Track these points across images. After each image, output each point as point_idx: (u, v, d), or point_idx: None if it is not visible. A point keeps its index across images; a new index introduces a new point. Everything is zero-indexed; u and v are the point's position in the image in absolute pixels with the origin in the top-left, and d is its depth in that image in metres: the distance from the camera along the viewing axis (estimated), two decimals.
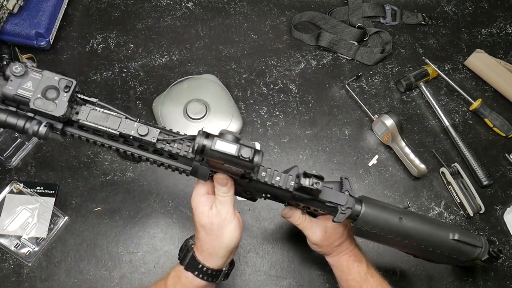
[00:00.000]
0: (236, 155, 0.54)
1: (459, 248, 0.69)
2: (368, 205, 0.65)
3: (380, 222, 0.65)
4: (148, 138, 0.59)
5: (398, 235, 0.66)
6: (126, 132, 0.59)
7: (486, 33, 1.13)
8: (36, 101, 0.56)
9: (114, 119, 0.59)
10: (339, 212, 0.63)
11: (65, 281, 0.83)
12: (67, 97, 0.57)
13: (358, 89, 1.04)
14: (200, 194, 0.63)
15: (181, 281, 0.63)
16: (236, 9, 1.10)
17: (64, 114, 0.57)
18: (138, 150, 0.62)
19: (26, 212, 0.86)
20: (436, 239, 0.67)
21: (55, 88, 0.57)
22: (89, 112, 0.59)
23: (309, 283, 0.86)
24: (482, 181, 0.95)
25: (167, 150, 0.61)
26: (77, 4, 1.07)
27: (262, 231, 0.90)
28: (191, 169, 0.62)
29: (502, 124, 1.01)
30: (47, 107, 0.57)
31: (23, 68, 0.57)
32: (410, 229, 0.66)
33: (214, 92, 0.96)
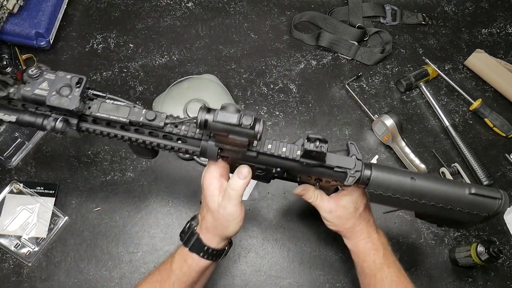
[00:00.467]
0: (237, 123, 0.56)
1: (478, 202, 0.65)
2: (377, 169, 0.65)
3: (393, 184, 0.64)
4: (156, 123, 0.62)
5: (413, 195, 0.65)
6: (135, 119, 0.62)
7: (486, 33, 1.13)
8: (51, 98, 0.61)
9: (124, 109, 0.63)
10: (349, 175, 0.64)
11: (65, 281, 0.83)
12: (78, 91, 0.61)
13: (358, 89, 1.04)
14: (212, 176, 0.64)
15: (187, 263, 0.65)
16: (236, 9, 1.10)
17: (77, 107, 0.61)
18: (149, 137, 0.65)
19: (26, 212, 0.86)
20: (452, 195, 0.65)
21: (68, 85, 0.62)
22: (100, 105, 0.63)
23: (309, 283, 0.86)
24: (482, 181, 0.95)
25: (175, 133, 0.63)
26: (77, 4, 1.07)
27: (262, 231, 0.90)
28: (200, 150, 0.64)
29: (502, 124, 1.01)
30: (61, 103, 0.61)
31: (38, 70, 0.62)
32: (424, 188, 0.65)
33: (214, 92, 0.95)
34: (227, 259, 0.87)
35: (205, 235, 0.65)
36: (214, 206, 0.63)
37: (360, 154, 0.66)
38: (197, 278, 0.66)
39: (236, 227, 0.64)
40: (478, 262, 0.83)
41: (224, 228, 0.64)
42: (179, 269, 0.65)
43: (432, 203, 0.65)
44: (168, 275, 0.65)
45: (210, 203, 0.64)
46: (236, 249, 0.88)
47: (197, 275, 0.65)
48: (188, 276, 0.65)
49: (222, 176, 0.65)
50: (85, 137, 0.94)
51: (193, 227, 0.67)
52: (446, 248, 0.91)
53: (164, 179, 0.92)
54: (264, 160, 0.66)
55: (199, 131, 0.63)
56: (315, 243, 0.89)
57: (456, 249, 0.88)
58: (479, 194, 0.65)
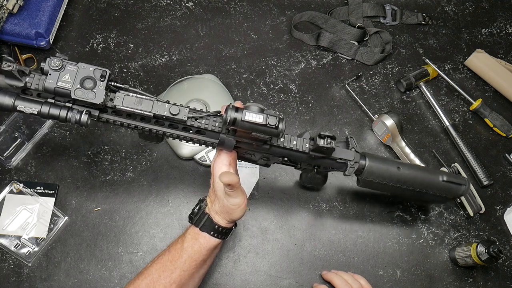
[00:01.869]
0: (264, 123, 0.60)
1: (448, 188, 0.80)
2: (371, 159, 0.76)
3: (382, 173, 0.76)
4: (180, 117, 0.65)
5: (398, 182, 0.77)
6: (159, 113, 0.64)
7: (486, 33, 1.13)
8: (76, 92, 0.61)
9: (147, 102, 0.64)
10: (349, 166, 0.74)
11: (65, 281, 0.83)
12: (103, 85, 0.62)
13: (358, 89, 1.04)
14: (222, 163, 0.69)
15: (198, 241, 0.69)
16: (236, 9, 1.10)
17: (103, 101, 0.62)
18: (169, 129, 0.67)
19: (26, 212, 0.86)
20: (429, 182, 0.79)
21: (91, 78, 0.62)
22: (124, 98, 0.64)
23: (309, 283, 0.86)
24: (482, 181, 0.95)
25: (197, 126, 0.66)
26: (77, 4, 1.07)
27: (262, 231, 0.90)
28: (218, 141, 0.68)
29: (502, 124, 1.01)
30: (87, 96, 0.61)
31: (60, 62, 0.61)
32: (407, 175, 0.77)
33: (214, 92, 0.95)
34: (227, 259, 0.87)
35: (214, 216, 0.70)
36: (220, 195, 0.68)
37: (358, 147, 0.76)
38: (206, 256, 0.70)
39: (241, 213, 0.70)
40: (478, 262, 0.83)
41: (230, 214, 0.69)
42: (191, 247, 0.69)
43: (411, 188, 0.78)
44: (179, 253, 0.69)
45: (218, 190, 0.69)
46: (236, 249, 0.88)
47: (207, 253, 0.70)
48: (199, 254, 0.69)
49: (230, 165, 0.69)
50: (85, 137, 0.94)
51: (203, 208, 0.71)
52: (446, 248, 0.91)
53: (164, 179, 0.92)
54: (276, 151, 0.72)
55: (219, 124, 0.67)
56: (315, 243, 0.89)
57: (456, 249, 0.88)
58: (450, 181, 0.79)
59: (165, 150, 0.94)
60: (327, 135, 0.69)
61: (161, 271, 0.69)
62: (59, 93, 0.62)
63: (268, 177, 0.93)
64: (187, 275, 0.69)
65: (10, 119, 0.93)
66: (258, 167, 0.93)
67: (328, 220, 0.91)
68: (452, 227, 0.93)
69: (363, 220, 0.92)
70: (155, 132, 0.68)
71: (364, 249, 0.90)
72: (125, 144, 0.94)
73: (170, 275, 0.68)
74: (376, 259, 0.89)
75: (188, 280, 0.70)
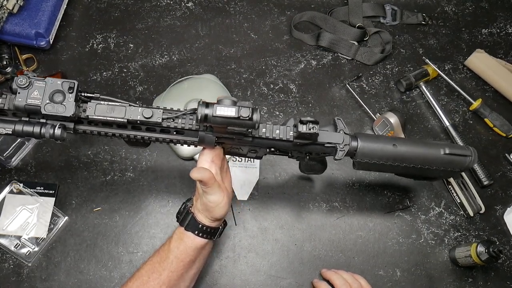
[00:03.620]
0: (236, 116, 0.58)
1: (452, 161, 0.74)
2: (363, 139, 0.71)
3: (377, 152, 0.71)
4: (154, 119, 0.63)
5: (395, 161, 0.72)
6: (133, 118, 0.63)
7: (487, 33, 1.13)
8: (46, 107, 0.61)
9: (120, 109, 0.63)
10: (338, 150, 0.69)
11: (65, 281, 0.83)
12: (72, 97, 0.62)
13: (358, 89, 1.04)
14: (205, 160, 0.67)
15: (183, 242, 0.68)
16: (236, 9, 1.10)
17: (74, 113, 0.61)
18: (147, 133, 0.66)
19: (26, 212, 0.86)
20: (429, 157, 0.73)
21: (60, 91, 0.62)
22: (96, 107, 0.63)
23: (309, 283, 0.86)
24: (482, 181, 0.95)
25: (173, 127, 0.65)
26: (77, 4, 1.07)
27: (262, 231, 0.90)
28: (198, 139, 0.66)
29: (502, 124, 1.00)
30: (57, 110, 0.61)
31: (27, 79, 0.61)
32: (405, 153, 0.72)
33: (214, 92, 0.95)
34: (227, 259, 0.87)
35: (198, 214, 0.69)
36: (200, 192, 0.67)
37: (347, 128, 0.71)
38: (194, 256, 0.69)
39: (222, 211, 0.68)
40: (478, 262, 0.83)
41: (210, 212, 0.67)
42: (177, 247, 0.68)
43: (412, 165, 0.73)
44: (166, 254, 0.68)
45: (199, 188, 0.68)
46: (236, 249, 0.88)
47: (193, 253, 0.69)
48: (185, 254, 0.68)
49: (213, 162, 0.67)
50: (85, 137, 0.94)
51: (188, 207, 0.71)
52: (446, 248, 0.91)
53: (164, 179, 0.92)
54: (259, 143, 0.69)
55: (196, 122, 0.65)
56: (315, 243, 0.89)
57: (456, 249, 0.88)
58: (452, 153, 0.73)
59: (165, 150, 0.94)
60: (309, 120, 0.64)
61: (150, 272, 0.68)
62: (30, 110, 0.61)
63: (268, 177, 0.93)
64: (176, 276, 0.68)
65: None
66: (258, 167, 0.93)
67: (328, 220, 0.91)
68: (452, 227, 0.93)
69: (363, 220, 0.92)
70: (141, 139, 0.67)
71: (364, 249, 0.90)
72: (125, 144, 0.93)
73: (159, 276, 0.68)
74: (376, 259, 0.89)
75: (178, 281, 0.69)
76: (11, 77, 0.96)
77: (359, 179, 0.95)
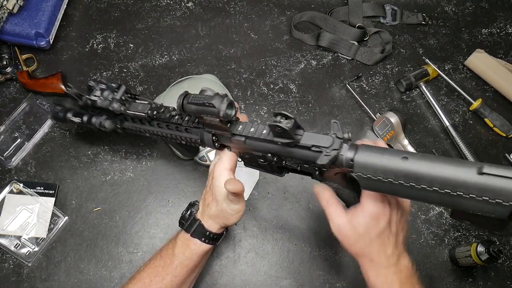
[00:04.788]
0: (204, 102, 0.59)
1: (496, 186, 0.47)
2: (364, 149, 0.55)
3: (382, 165, 0.53)
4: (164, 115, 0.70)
5: (407, 179, 0.52)
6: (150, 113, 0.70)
7: (486, 33, 1.13)
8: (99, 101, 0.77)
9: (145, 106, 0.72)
10: (323, 153, 0.56)
11: (65, 281, 0.83)
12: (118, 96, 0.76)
13: (358, 89, 1.04)
14: (224, 167, 0.66)
15: (189, 248, 0.68)
16: (236, 9, 1.10)
17: (114, 107, 0.75)
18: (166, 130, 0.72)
19: (26, 212, 0.86)
20: (457, 177, 0.49)
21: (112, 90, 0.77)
22: (131, 104, 0.75)
23: (309, 283, 0.86)
24: None
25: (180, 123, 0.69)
26: (77, 4, 1.07)
27: (262, 231, 0.90)
28: (199, 137, 0.67)
29: (502, 124, 1.00)
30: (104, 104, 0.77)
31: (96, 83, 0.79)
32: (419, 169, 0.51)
33: None
34: (227, 259, 0.87)
35: (207, 221, 0.68)
36: (220, 199, 0.65)
37: (341, 132, 0.57)
38: (198, 262, 0.69)
39: (237, 219, 0.68)
40: (478, 262, 0.83)
41: (226, 219, 0.67)
42: (182, 253, 0.68)
43: (433, 188, 0.51)
44: (171, 259, 0.68)
45: (217, 194, 0.65)
46: (236, 249, 0.88)
47: (198, 258, 0.69)
48: (190, 260, 0.68)
49: (231, 169, 0.66)
50: (85, 137, 0.94)
51: (194, 214, 0.70)
52: (446, 248, 0.91)
53: (164, 179, 0.92)
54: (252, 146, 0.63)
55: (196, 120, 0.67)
56: (315, 243, 0.89)
57: (456, 249, 0.88)
58: (494, 174, 0.47)
59: (165, 150, 0.94)
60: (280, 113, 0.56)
61: (152, 276, 0.68)
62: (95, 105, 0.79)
63: (268, 177, 0.93)
64: (179, 281, 0.68)
65: (10, 119, 0.93)
66: None
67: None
68: (452, 227, 0.93)
69: None
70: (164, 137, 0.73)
71: None
72: (125, 144, 0.94)
73: (162, 280, 0.67)
74: None
75: (180, 286, 0.69)
76: (11, 77, 0.96)
77: None
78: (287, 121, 0.56)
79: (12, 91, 0.97)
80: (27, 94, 0.96)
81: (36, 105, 0.95)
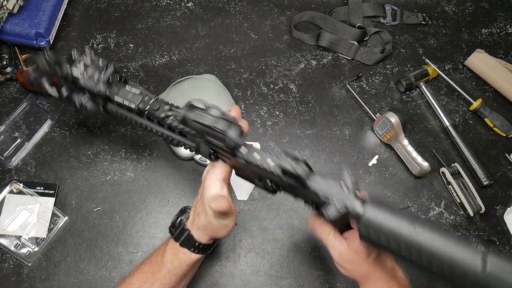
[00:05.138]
0: (210, 125, 0.55)
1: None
2: (373, 207, 0.53)
3: (388, 228, 0.52)
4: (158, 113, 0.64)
5: (409, 248, 0.51)
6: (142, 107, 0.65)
7: (487, 33, 1.13)
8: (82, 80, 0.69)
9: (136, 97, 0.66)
10: (330, 203, 0.54)
11: (65, 281, 0.83)
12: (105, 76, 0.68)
13: (358, 89, 1.04)
14: (216, 177, 0.63)
15: (178, 257, 0.66)
16: (236, 9, 1.10)
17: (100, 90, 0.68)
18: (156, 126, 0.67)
19: (26, 212, 0.86)
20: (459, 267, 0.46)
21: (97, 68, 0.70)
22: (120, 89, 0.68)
23: (309, 283, 0.86)
24: (482, 181, 0.95)
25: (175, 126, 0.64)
26: (77, 4, 1.07)
27: (262, 231, 0.90)
28: (195, 146, 0.64)
29: (502, 124, 1.00)
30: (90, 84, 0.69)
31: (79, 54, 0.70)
32: (424, 242, 0.49)
33: (214, 92, 0.95)
34: (227, 259, 0.87)
35: (196, 232, 0.66)
36: (209, 211, 0.63)
37: (353, 182, 0.55)
38: (187, 270, 0.68)
39: (226, 233, 0.66)
40: None
41: (214, 232, 0.65)
42: (171, 262, 0.66)
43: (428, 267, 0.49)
44: (159, 267, 0.67)
45: (207, 207, 0.63)
46: (236, 249, 0.88)
47: (188, 267, 0.67)
48: (179, 269, 0.67)
49: (224, 181, 0.63)
50: (85, 137, 0.94)
51: (184, 222, 0.68)
52: None
53: (164, 179, 0.92)
54: (254, 170, 0.60)
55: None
56: (315, 243, 0.89)
57: None
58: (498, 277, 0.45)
59: (165, 150, 0.94)
60: (293, 155, 0.53)
61: (142, 281, 0.67)
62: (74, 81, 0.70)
63: None
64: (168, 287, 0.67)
65: (10, 119, 0.93)
66: None
67: None
68: (452, 227, 0.93)
69: None
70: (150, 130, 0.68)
71: None
72: (125, 144, 0.94)
73: (150, 287, 0.66)
74: None
75: None
76: (11, 77, 0.96)
77: (359, 179, 0.95)
78: (304, 168, 0.54)
79: (12, 91, 0.97)
80: (27, 94, 0.96)
81: (36, 105, 0.95)
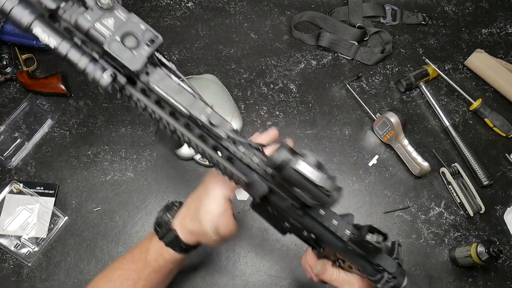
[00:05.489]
0: (318, 183, 0.46)
1: None
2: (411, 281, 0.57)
3: None
4: (218, 131, 0.51)
5: None
6: (196, 115, 0.50)
7: (486, 33, 1.13)
8: (112, 44, 0.47)
9: (188, 97, 0.51)
10: (385, 279, 0.56)
11: (65, 281, 0.83)
12: (148, 51, 0.48)
13: (358, 89, 1.04)
14: (221, 193, 0.60)
15: (163, 257, 0.64)
16: (236, 9, 1.10)
17: (139, 69, 0.47)
18: (198, 140, 0.53)
19: (26, 212, 0.86)
20: None
21: (136, 37, 0.49)
22: (163, 78, 0.50)
23: (309, 283, 0.86)
24: (482, 181, 0.95)
25: (232, 150, 0.52)
26: None
27: (262, 231, 0.89)
28: (246, 180, 0.54)
29: (502, 124, 1.00)
30: (122, 55, 0.47)
31: (111, 2, 0.49)
32: None
33: (214, 92, 0.95)
34: (227, 259, 0.87)
35: (184, 234, 0.63)
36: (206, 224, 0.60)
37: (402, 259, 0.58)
38: (172, 268, 0.66)
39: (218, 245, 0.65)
40: (478, 262, 0.83)
41: (204, 240, 0.63)
42: (155, 261, 0.64)
43: None
44: (143, 265, 0.65)
45: (204, 218, 0.60)
46: (236, 249, 0.88)
47: (172, 266, 0.66)
48: (164, 268, 0.65)
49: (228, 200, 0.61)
50: (85, 137, 0.94)
51: (170, 221, 0.64)
52: (446, 248, 0.91)
53: (164, 179, 0.92)
54: (306, 222, 0.56)
55: (259, 162, 0.52)
56: None
57: (456, 249, 0.88)
58: None
59: (165, 150, 0.94)
60: (379, 230, 0.53)
61: (124, 279, 0.65)
62: (91, 36, 0.47)
63: None
64: (151, 285, 0.66)
65: (10, 119, 0.93)
66: None
67: None
68: (452, 227, 0.93)
69: (363, 220, 0.92)
70: (187, 141, 0.53)
71: None
72: (125, 144, 0.94)
73: (134, 284, 0.65)
74: None
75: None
76: (11, 77, 0.96)
77: (359, 179, 0.95)
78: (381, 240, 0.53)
79: (12, 91, 0.97)
80: (27, 94, 0.96)
81: (36, 105, 0.95)
